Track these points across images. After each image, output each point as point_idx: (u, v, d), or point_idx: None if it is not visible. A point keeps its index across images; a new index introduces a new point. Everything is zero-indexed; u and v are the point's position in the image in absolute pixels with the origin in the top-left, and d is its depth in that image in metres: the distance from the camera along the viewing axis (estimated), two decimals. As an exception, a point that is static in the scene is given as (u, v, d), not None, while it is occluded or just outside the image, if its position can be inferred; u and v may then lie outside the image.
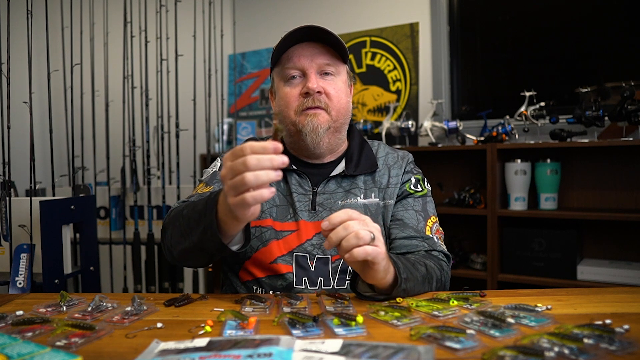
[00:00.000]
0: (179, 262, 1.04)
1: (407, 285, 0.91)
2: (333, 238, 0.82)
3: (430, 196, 1.20)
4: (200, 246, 0.93)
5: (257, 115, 3.18)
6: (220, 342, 0.68)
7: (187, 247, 0.96)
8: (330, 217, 0.83)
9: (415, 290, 0.95)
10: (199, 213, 0.91)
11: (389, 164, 1.18)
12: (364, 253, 0.81)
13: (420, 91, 2.71)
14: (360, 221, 0.83)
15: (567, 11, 2.47)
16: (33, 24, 1.65)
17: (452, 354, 0.66)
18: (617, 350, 0.65)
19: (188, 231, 0.94)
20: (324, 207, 1.11)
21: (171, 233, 1.00)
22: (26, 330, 0.78)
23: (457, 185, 2.57)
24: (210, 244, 0.90)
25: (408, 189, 1.16)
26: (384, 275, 0.88)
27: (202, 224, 0.90)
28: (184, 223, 0.96)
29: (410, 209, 1.14)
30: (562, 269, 2.12)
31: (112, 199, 2.28)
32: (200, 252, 0.95)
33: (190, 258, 1.01)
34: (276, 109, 1.16)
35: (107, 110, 2.31)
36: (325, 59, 1.09)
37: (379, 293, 0.94)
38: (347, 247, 0.81)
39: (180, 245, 0.98)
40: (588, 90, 2.11)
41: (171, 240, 1.01)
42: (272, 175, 0.76)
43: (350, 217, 0.83)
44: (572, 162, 2.32)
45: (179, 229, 0.97)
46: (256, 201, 0.78)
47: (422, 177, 1.20)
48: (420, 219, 1.13)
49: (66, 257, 1.63)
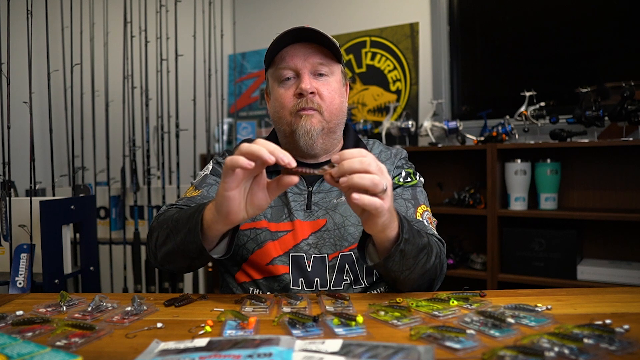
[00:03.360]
0: (161, 265, 1.04)
1: (406, 247, 0.88)
2: (345, 166, 0.77)
3: (422, 187, 1.19)
4: (182, 248, 0.93)
5: (257, 115, 3.18)
6: (220, 342, 0.68)
7: (170, 249, 0.97)
8: (343, 152, 0.79)
9: (413, 255, 0.91)
10: (188, 216, 0.92)
11: (382, 160, 1.17)
12: (373, 205, 0.77)
13: (420, 91, 2.71)
14: (379, 167, 0.79)
15: (567, 11, 2.47)
16: (33, 24, 1.65)
17: (452, 354, 0.66)
18: (617, 350, 0.65)
19: (175, 233, 0.95)
20: (320, 207, 1.11)
21: (158, 235, 1.00)
22: (26, 330, 0.78)
23: (457, 185, 2.57)
24: (192, 245, 0.90)
25: (397, 181, 1.15)
26: (382, 229, 0.84)
27: (188, 225, 0.91)
28: (172, 225, 0.96)
29: (399, 198, 1.12)
30: (562, 269, 2.12)
31: (112, 199, 2.28)
32: (181, 255, 0.95)
33: (172, 261, 1.00)
34: (271, 109, 1.16)
35: (107, 110, 2.31)
36: (319, 58, 1.09)
37: (379, 254, 0.91)
38: (358, 185, 0.76)
39: (165, 247, 0.98)
40: (588, 90, 2.11)
41: (156, 242, 1.01)
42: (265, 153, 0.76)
43: (368, 156, 0.78)
44: (572, 162, 2.32)
45: (166, 231, 0.97)
46: (232, 163, 0.78)
47: (413, 171, 1.20)
48: (410, 206, 1.11)
49: (66, 257, 1.63)
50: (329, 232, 1.09)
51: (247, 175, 0.82)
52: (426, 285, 1.02)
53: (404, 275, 0.94)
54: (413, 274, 0.94)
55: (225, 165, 0.80)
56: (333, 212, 1.10)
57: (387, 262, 0.89)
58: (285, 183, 0.82)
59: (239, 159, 0.78)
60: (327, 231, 1.09)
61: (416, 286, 0.99)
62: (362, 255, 0.95)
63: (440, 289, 1.05)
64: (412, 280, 0.96)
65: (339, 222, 1.09)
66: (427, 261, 0.95)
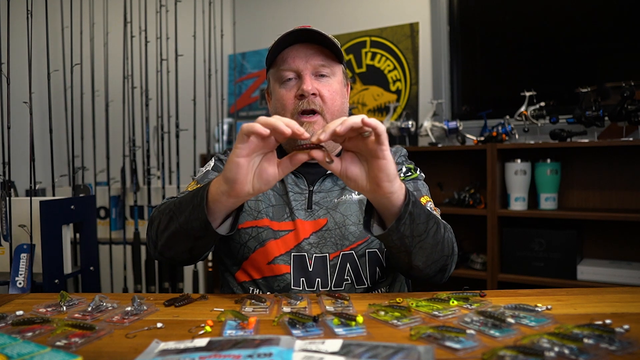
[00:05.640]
0: (161, 254, 1.03)
1: (414, 209, 0.88)
2: (348, 121, 0.79)
3: (423, 181, 1.18)
4: (186, 227, 0.93)
5: (257, 115, 3.13)
6: (220, 342, 0.68)
7: (172, 231, 0.96)
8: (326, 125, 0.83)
9: (423, 221, 0.90)
10: (192, 195, 0.92)
11: None
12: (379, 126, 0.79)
13: (420, 91, 2.71)
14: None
15: (566, 11, 2.47)
16: (33, 24, 1.65)
17: (452, 354, 0.66)
18: (617, 350, 0.65)
19: (178, 213, 0.94)
20: (320, 206, 1.11)
21: (159, 222, 1.00)
22: (26, 330, 0.78)
23: (457, 185, 2.57)
24: (196, 223, 0.90)
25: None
26: (390, 187, 0.84)
27: (192, 202, 0.91)
28: (175, 208, 0.96)
29: None
30: (562, 269, 2.12)
31: (112, 199, 2.28)
32: (184, 236, 0.95)
33: (173, 245, 0.99)
34: (272, 110, 1.16)
35: (107, 110, 2.31)
36: (320, 60, 1.09)
37: (388, 223, 0.90)
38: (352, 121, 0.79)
39: (167, 231, 0.97)
40: (588, 90, 2.11)
41: (157, 229, 1.00)
42: (281, 124, 0.79)
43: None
44: (572, 162, 2.32)
45: (168, 215, 0.97)
46: (249, 129, 0.80)
47: (414, 167, 1.20)
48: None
49: (66, 257, 1.63)
50: (330, 232, 1.09)
51: (259, 147, 0.83)
52: (441, 264, 0.99)
53: (417, 242, 0.91)
54: (426, 242, 0.92)
55: (241, 131, 0.81)
56: (334, 212, 1.10)
57: (399, 225, 0.87)
58: (298, 159, 0.85)
59: (255, 125, 0.79)
60: (328, 230, 1.09)
61: (431, 261, 0.96)
62: (367, 227, 0.93)
63: (441, 289, 1.05)
64: (426, 251, 0.94)
65: (339, 222, 1.09)
66: (437, 231, 0.95)
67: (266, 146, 0.83)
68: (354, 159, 0.86)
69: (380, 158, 0.82)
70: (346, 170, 0.86)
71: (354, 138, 0.83)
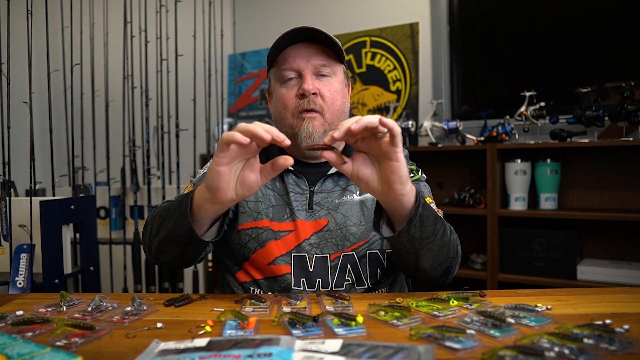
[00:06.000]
0: (155, 258, 1.04)
1: (424, 212, 0.88)
2: (364, 120, 0.78)
3: (425, 182, 1.19)
4: (174, 233, 0.93)
5: (257, 115, 3.18)
6: (220, 342, 0.68)
7: (162, 237, 0.96)
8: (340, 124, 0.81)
9: (431, 223, 0.90)
10: (179, 201, 0.93)
11: None
12: (394, 127, 0.79)
13: (420, 91, 2.71)
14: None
15: (566, 11, 2.47)
16: (33, 24, 1.65)
17: (452, 354, 0.66)
18: (617, 350, 0.65)
19: (167, 220, 0.95)
20: (321, 206, 1.11)
21: (151, 226, 1.01)
22: (26, 330, 0.78)
23: (457, 185, 2.57)
24: (182, 229, 0.90)
25: None
26: (402, 189, 0.84)
27: (179, 209, 0.91)
28: (165, 213, 0.96)
29: None
30: (562, 269, 2.12)
31: (112, 199, 2.28)
32: (173, 242, 0.95)
33: (164, 250, 1.00)
34: (273, 109, 1.16)
35: (107, 110, 2.31)
36: (321, 59, 1.09)
37: (397, 225, 0.90)
38: (368, 120, 0.78)
39: (158, 236, 0.98)
40: (588, 90, 2.11)
41: (150, 234, 1.01)
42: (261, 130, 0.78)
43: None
44: (572, 162, 2.32)
45: (159, 221, 0.98)
46: (228, 138, 0.79)
47: (415, 168, 1.20)
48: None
49: (66, 257, 1.63)
50: (331, 232, 1.09)
51: (240, 154, 0.83)
52: (446, 266, 1.00)
53: (425, 244, 0.92)
54: (434, 244, 0.93)
55: (221, 140, 0.81)
56: (335, 212, 1.10)
57: (409, 227, 0.87)
58: (280, 164, 0.83)
59: (235, 134, 0.79)
60: (329, 231, 1.09)
61: (437, 263, 0.97)
62: (376, 228, 0.93)
63: (441, 289, 1.05)
64: (433, 253, 0.94)
65: (340, 222, 1.09)
66: (444, 233, 0.95)
67: (248, 152, 0.83)
68: (366, 160, 0.86)
69: (394, 160, 0.82)
70: (358, 172, 0.85)
71: (367, 138, 0.83)
